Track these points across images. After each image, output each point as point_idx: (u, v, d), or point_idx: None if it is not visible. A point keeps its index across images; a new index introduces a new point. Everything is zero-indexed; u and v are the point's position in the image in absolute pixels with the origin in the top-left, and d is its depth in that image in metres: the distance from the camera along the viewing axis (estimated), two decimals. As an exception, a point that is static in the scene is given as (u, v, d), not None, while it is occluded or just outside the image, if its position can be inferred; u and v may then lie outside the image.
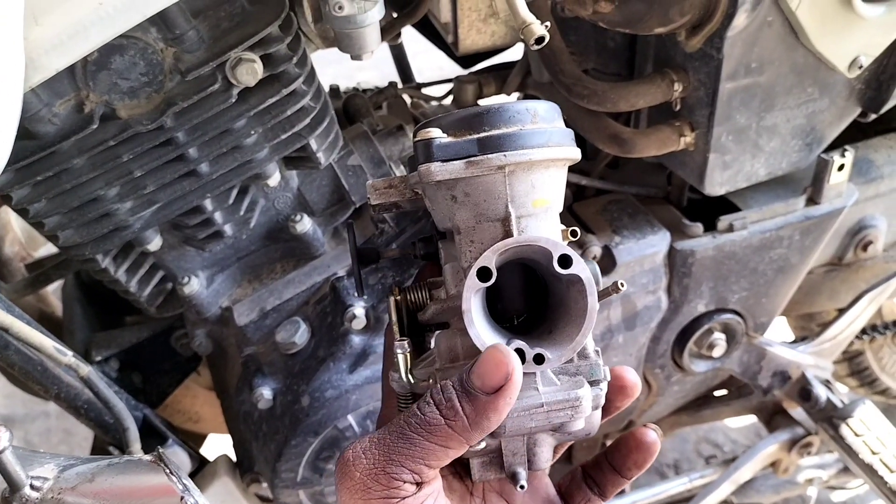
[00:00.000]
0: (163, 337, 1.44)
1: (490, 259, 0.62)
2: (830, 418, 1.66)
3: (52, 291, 1.80)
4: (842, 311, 1.74)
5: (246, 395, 1.30)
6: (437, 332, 0.69)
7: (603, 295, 0.65)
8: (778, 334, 1.77)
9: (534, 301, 0.72)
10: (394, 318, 0.72)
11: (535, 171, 0.65)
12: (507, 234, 0.65)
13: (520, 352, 0.62)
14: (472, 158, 0.64)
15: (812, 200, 1.47)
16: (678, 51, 1.24)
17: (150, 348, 1.43)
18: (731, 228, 1.42)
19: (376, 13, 1.03)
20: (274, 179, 1.21)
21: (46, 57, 0.87)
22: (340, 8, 0.99)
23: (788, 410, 1.83)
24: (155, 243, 1.20)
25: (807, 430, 1.75)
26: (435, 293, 0.72)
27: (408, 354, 0.69)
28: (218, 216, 1.22)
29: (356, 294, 1.27)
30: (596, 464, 0.74)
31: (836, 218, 1.48)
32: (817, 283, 1.71)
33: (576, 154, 0.68)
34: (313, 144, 1.19)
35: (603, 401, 0.68)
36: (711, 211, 1.45)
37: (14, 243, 1.66)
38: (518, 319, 0.72)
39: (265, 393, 1.27)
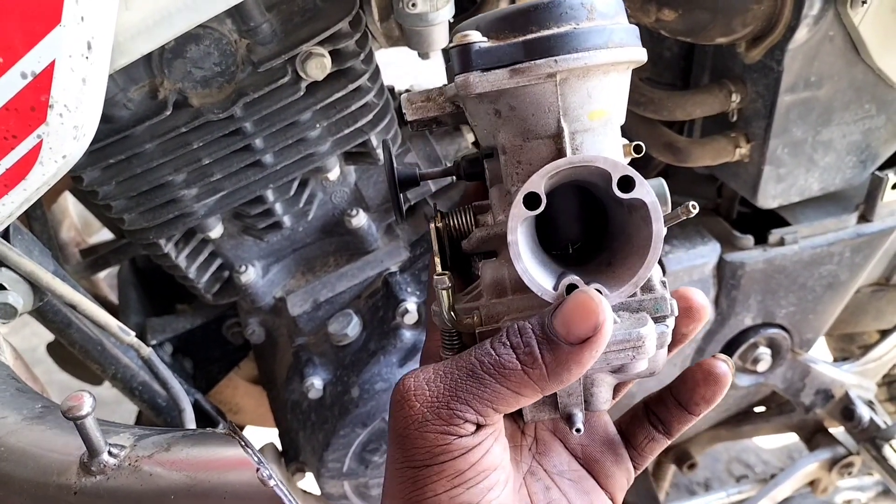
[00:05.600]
0: (215, 325, 1.46)
1: (538, 184, 0.53)
2: (873, 439, 1.64)
3: (103, 278, 1.83)
4: (886, 333, 1.73)
5: (296, 385, 1.32)
6: (483, 261, 0.61)
7: (671, 219, 0.57)
8: (818, 354, 1.76)
9: (591, 226, 0.63)
10: (435, 247, 0.63)
11: (591, 77, 0.55)
12: (560, 152, 0.56)
13: (573, 287, 0.54)
14: (516, 66, 0.54)
15: (864, 218, 1.46)
16: (737, 62, 1.25)
17: (202, 336, 1.45)
18: (781, 242, 1.42)
19: (447, 12, 1.05)
20: (333, 173, 1.23)
21: (132, 41, 0.89)
22: (414, 5, 1.02)
23: (830, 430, 1.81)
24: (216, 231, 1.23)
25: (848, 449, 1.74)
26: (480, 218, 0.63)
27: (449, 290, 0.60)
28: (278, 207, 1.24)
29: (397, 222, 1.23)
30: (660, 399, 0.67)
31: (888, 236, 1.47)
32: (864, 302, 1.70)
33: (641, 55, 0.58)
34: (374, 140, 1.21)
35: (669, 339, 0.60)
36: (760, 225, 1.45)
37: (70, 229, 1.70)
38: (573, 247, 0.64)
39: (316, 383, 1.28)
